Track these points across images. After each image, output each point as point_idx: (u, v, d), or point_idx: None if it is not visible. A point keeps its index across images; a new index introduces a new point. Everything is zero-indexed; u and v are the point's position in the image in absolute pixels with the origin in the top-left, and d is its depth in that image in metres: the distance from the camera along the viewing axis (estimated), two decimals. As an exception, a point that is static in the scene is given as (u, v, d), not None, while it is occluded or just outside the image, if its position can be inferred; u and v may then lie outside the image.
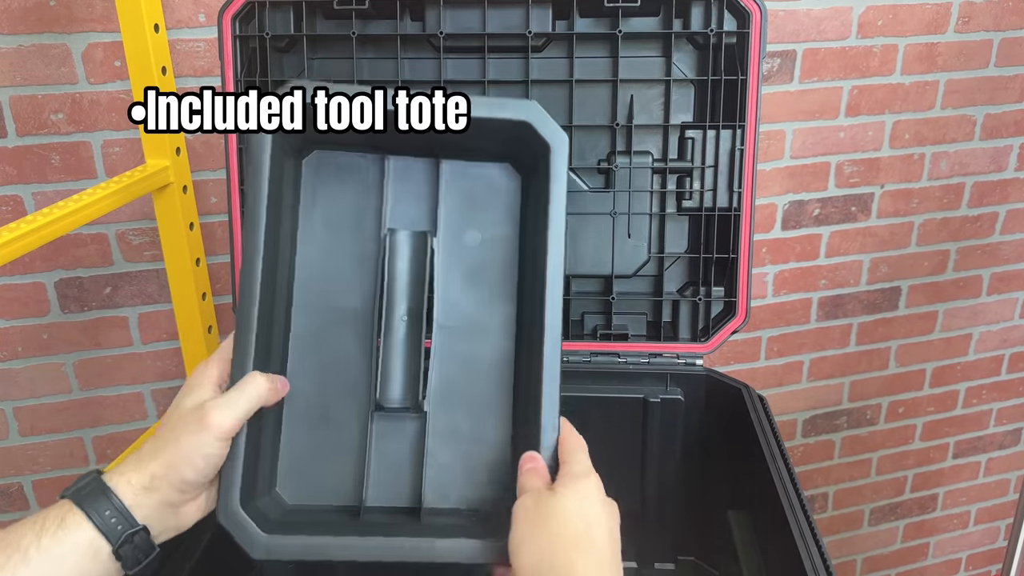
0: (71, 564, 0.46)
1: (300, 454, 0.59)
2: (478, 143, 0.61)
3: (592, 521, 0.49)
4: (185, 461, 0.50)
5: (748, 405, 0.79)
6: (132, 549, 0.48)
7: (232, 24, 0.79)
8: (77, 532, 0.47)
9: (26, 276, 1.10)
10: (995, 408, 1.66)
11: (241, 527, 0.52)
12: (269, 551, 0.51)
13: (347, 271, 0.61)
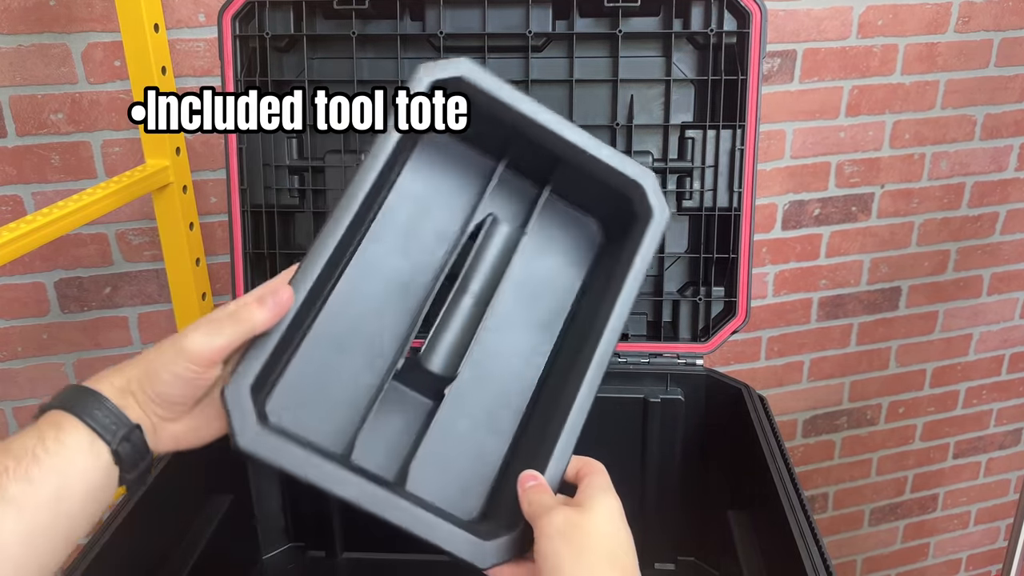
0: (79, 465, 0.45)
1: (303, 380, 0.57)
2: (586, 187, 0.62)
3: (623, 540, 0.49)
4: (154, 374, 0.49)
5: (748, 405, 0.79)
6: (130, 449, 0.47)
7: (232, 24, 0.79)
8: (75, 434, 0.46)
9: (26, 276, 1.10)
10: (995, 408, 1.66)
11: (240, 410, 0.50)
12: (256, 444, 0.49)
13: (427, 239, 0.62)
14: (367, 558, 0.91)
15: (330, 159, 0.82)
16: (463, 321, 0.61)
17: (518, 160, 0.64)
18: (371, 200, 0.58)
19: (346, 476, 0.51)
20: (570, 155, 0.60)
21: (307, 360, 0.58)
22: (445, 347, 0.60)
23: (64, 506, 0.44)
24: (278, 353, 0.53)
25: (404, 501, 0.51)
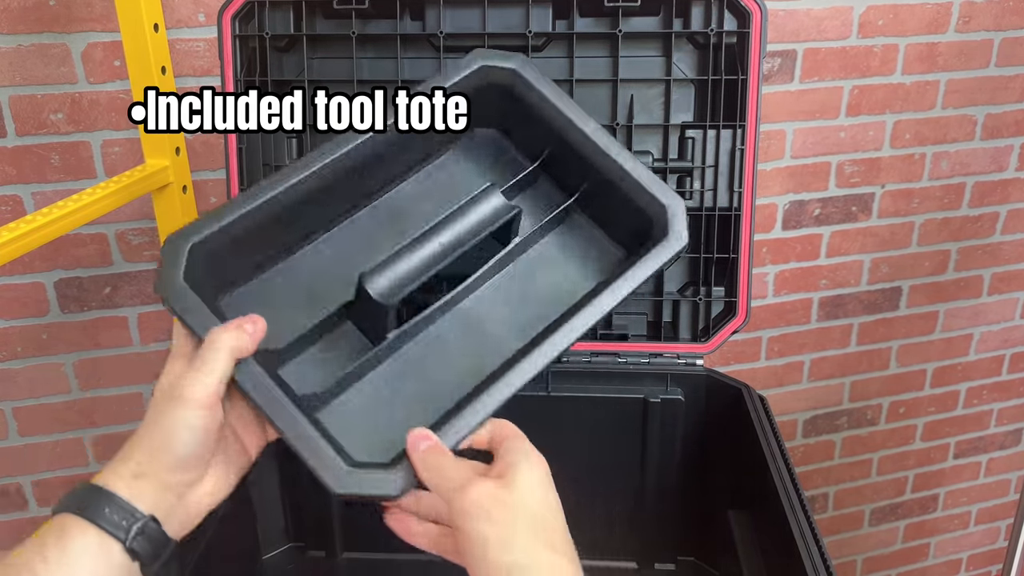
0: (86, 569, 0.43)
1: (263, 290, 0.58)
2: (614, 205, 0.61)
3: (552, 509, 0.46)
4: (170, 437, 0.46)
5: (748, 405, 0.79)
6: (146, 542, 0.45)
7: (232, 24, 0.79)
8: (82, 538, 0.43)
9: (25, 276, 1.10)
10: (996, 408, 1.66)
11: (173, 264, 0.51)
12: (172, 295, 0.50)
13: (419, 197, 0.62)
14: (367, 558, 0.91)
15: (330, 159, 0.82)
16: (422, 259, 0.58)
17: (553, 165, 0.63)
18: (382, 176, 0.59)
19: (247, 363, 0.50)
20: (606, 169, 0.59)
21: (275, 277, 0.59)
22: (391, 275, 0.57)
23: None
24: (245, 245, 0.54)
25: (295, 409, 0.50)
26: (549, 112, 0.60)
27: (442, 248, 0.58)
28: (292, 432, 0.49)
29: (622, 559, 0.88)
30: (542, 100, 0.60)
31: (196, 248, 0.53)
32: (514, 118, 0.63)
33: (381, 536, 0.85)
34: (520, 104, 0.61)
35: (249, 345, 0.50)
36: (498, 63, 0.60)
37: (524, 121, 0.62)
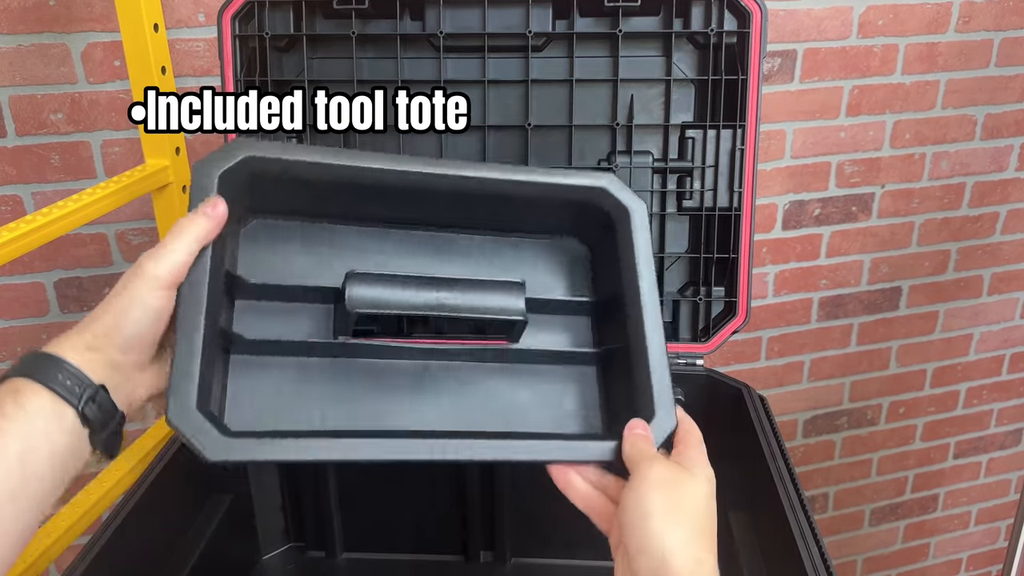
0: (40, 429, 0.44)
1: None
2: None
3: (713, 516, 0.48)
4: (122, 314, 0.48)
5: (748, 405, 0.79)
6: (97, 410, 0.46)
7: (232, 24, 0.79)
8: (36, 399, 0.44)
9: (25, 276, 1.10)
10: (996, 408, 1.66)
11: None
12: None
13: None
14: (367, 558, 0.91)
15: (330, 159, 0.82)
16: (410, 297, 0.58)
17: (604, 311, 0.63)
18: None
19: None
20: (637, 358, 0.57)
21: (304, 230, 0.58)
22: (374, 291, 0.57)
23: (30, 469, 0.43)
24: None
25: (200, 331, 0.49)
26: (628, 267, 0.59)
27: (436, 302, 0.58)
28: (181, 351, 0.49)
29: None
30: (629, 253, 0.59)
31: (248, 161, 0.53)
32: (605, 250, 0.63)
33: (381, 536, 0.85)
34: (614, 242, 0.61)
35: (211, 227, 0.51)
36: (618, 195, 0.60)
37: (609, 258, 0.61)
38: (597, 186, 0.60)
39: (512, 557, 0.91)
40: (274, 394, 0.56)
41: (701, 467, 0.50)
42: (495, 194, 0.59)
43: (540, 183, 0.59)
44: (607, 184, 0.60)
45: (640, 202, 0.60)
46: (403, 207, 0.60)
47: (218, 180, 0.52)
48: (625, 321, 0.58)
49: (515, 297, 0.59)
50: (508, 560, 0.91)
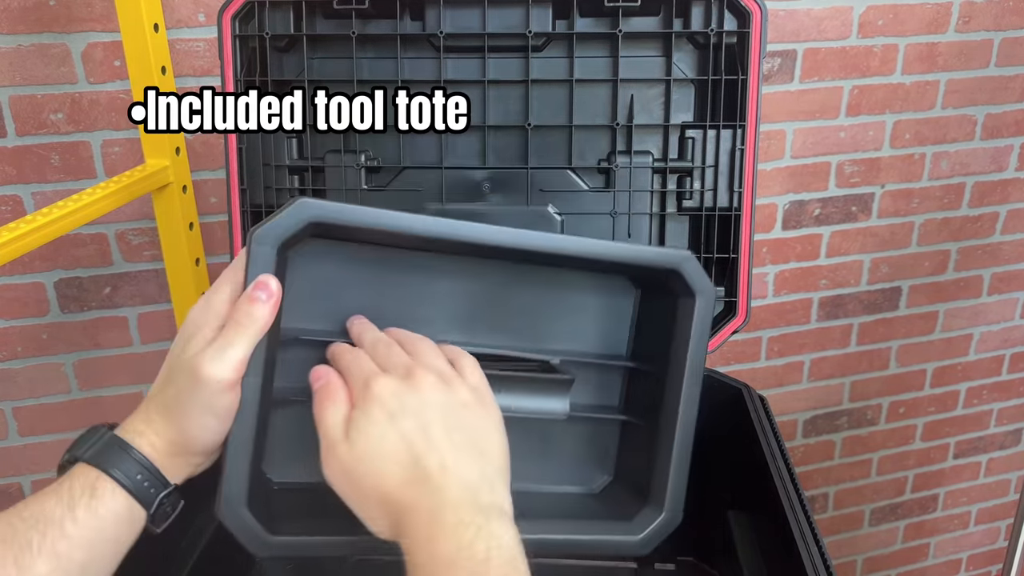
0: (111, 533, 0.43)
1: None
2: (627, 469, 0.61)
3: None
4: (199, 426, 0.45)
5: (748, 405, 0.79)
6: (168, 509, 0.46)
7: (232, 24, 0.79)
8: (111, 501, 0.43)
9: (26, 276, 1.10)
10: (996, 408, 1.66)
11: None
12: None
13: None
14: (367, 558, 0.91)
15: (330, 159, 0.82)
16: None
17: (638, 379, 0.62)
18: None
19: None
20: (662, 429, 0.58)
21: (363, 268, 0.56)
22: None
23: (90, 571, 0.43)
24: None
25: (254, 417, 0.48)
26: (679, 349, 0.58)
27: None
28: (235, 445, 0.48)
29: (622, 559, 0.88)
30: (685, 334, 0.59)
31: (312, 225, 0.51)
32: (654, 312, 0.62)
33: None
34: (669, 313, 0.60)
35: (268, 315, 0.47)
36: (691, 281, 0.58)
37: (658, 325, 0.60)
38: (670, 268, 0.58)
39: (512, 557, 0.91)
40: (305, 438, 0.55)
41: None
42: (557, 262, 0.58)
43: (607, 259, 0.58)
44: (681, 265, 0.58)
45: (711, 288, 0.59)
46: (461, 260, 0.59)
47: (277, 252, 0.49)
48: (659, 403, 0.58)
49: (559, 398, 0.57)
50: (508, 560, 0.91)
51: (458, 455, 0.44)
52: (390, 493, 0.43)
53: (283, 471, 0.56)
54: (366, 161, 0.82)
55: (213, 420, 0.46)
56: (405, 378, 0.46)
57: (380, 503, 0.44)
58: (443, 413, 0.45)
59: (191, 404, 0.45)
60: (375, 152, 0.83)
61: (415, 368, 0.47)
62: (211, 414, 0.46)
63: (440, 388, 0.46)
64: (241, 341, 0.46)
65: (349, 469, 0.44)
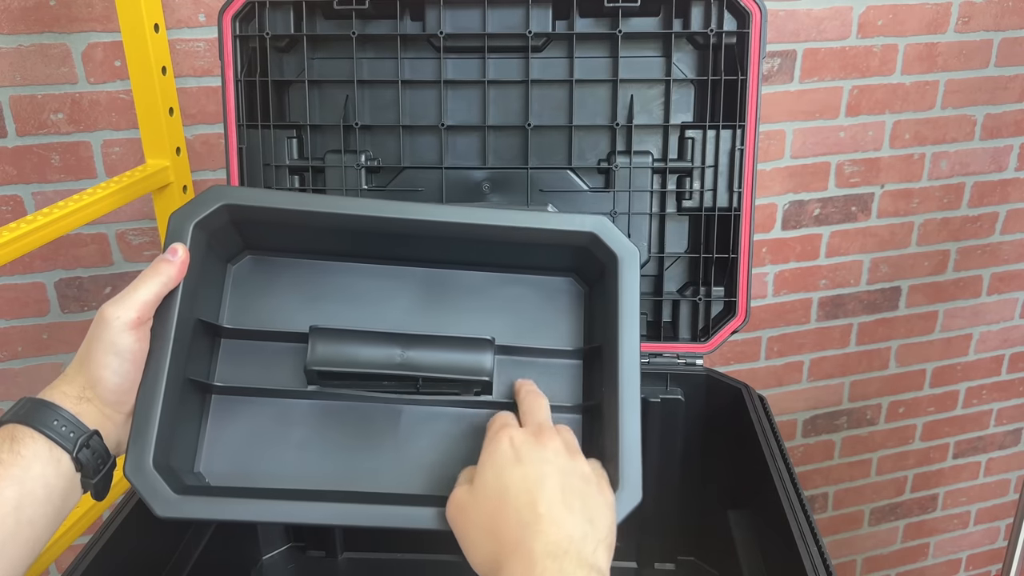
0: (37, 473, 0.45)
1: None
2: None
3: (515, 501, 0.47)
4: (101, 366, 0.49)
5: (748, 405, 0.79)
6: (90, 454, 0.48)
7: (232, 24, 0.79)
8: (32, 444, 0.46)
9: (26, 276, 1.10)
10: (995, 408, 1.66)
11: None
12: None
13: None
14: (367, 558, 0.91)
15: (330, 159, 0.82)
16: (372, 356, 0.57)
17: (592, 360, 0.61)
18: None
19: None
20: (607, 403, 0.56)
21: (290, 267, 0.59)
22: (335, 349, 0.57)
23: (26, 513, 0.45)
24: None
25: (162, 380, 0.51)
26: (612, 317, 0.57)
27: (400, 360, 0.58)
28: (141, 404, 0.50)
29: (622, 559, 0.88)
30: (614, 302, 0.57)
31: (226, 208, 0.54)
32: (598, 295, 0.61)
33: (381, 536, 0.85)
34: (604, 289, 0.59)
35: (172, 272, 0.52)
36: (608, 242, 0.58)
37: (601, 304, 0.60)
38: (584, 231, 0.58)
39: (512, 557, 0.91)
40: (251, 436, 0.57)
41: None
42: (484, 239, 0.59)
43: (527, 228, 0.58)
44: (595, 228, 0.58)
45: (631, 248, 0.58)
46: (393, 248, 0.60)
47: (192, 229, 0.54)
48: (603, 377, 0.57)
49: (483, 355, 0.57)
50: (508, 560, 0.91)
51: (569, 512, 0.45)
52: (496, 528, 0.45)
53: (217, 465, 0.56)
54: (366, 161, 0.82)
55: (115, 359, 0.49)
56: (535, 434, 0.49)
57: (488, 535, 0.46)
58: (562, 474, 0.47)
59: (95, 345, 0.49)
60: (375, 152, 0.83)
61: (546, 428, 0.50)
62: (113, 353, 0.49)
63: (564, 454, 0.49)
64: (144, 286, 0.50)
65: (470, 500, 0.48)
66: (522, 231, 0.58)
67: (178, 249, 0.53)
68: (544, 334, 0.62)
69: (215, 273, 0.58)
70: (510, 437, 0.49)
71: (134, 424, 0.50)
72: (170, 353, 0.51)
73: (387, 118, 0.82)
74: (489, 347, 0.58)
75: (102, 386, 0.49)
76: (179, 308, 0.52)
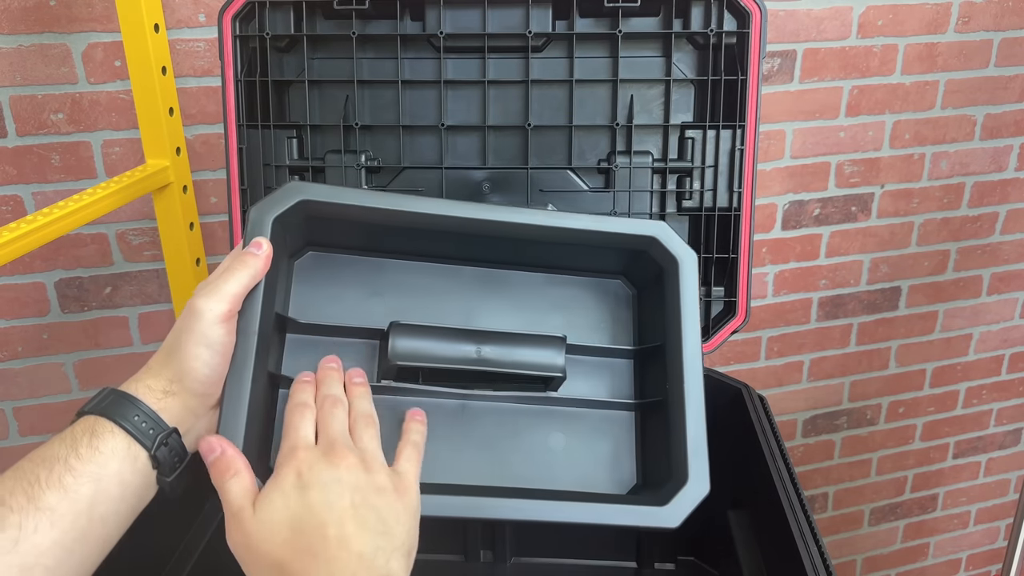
0: (113, 470, 0.45)
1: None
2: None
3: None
4: (193, 357, 0.48)
5: (748, 405, 0.79)
6: (168, 452, 0.47)
7: (232, 24, 0.79)
8: (111, 440, 0.45)
9: (26, 276, 1.10)
10: (995, 408, 1.66)
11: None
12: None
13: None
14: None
15: (330, 159, 0.82)
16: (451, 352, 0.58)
17: (648, 360, 0.63)
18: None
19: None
20: (672, 400, 0.58)
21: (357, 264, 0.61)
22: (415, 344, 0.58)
23: (99, 510, 0.44)
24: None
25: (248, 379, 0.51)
26: (673, 319, 0.59)
27: (476, 356, 0.59)
28: (230, 396, 0.50)
29: (622, 559, 0.88)
30: (675, 304, 0.60)
31: (303, 204, 0.55)
32: (652, 296, 0.63)
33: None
34: (662, 291, 0.61)
35: (259, 265, 0.52)
36: (669, 246, 0.60)
37: (655, 306, 0.62)
38: (646, 235, 0.61)
39: (512, 557, 0.91)
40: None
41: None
42: (544, 240, 0.60)
43: (589, 231, 0.60)
44: (657, 233, 0.61)
45: (691, 253, 0.60)
46: (454, 247, 0.61)
47: (272, 223, 0.54)
48: (665, 375, 0.59)
49: (555, 353, 0.59)
50: (508, 560, 0.91)
51: (358, 528, 0.45)
52: (283, 560, 0.44)
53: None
54: (366, 161, 0.82)
55: (206, 351, 0.49)
56: (326, 453, 0.48)
57: (272, 569, 0.44)
58: (353, 491, 0.46)
59: (186, 337, 0.49)
60: (375, 152, 0.83)
61: (338, 445, 0.48)
62: (204, 344, 0.48)
63: (358, 468, 0.47)
64: (234, 279, 0.51)
65: (249, 533, 0.46)
66: (585, 234, 0.60)
67: (262, 243, 0.53)
68: (595, 334, 0.64)
69: (283, 268, 0.59)
70: (296, 463, 0.47)
71: (222, 420, 0.50)
72: (255, 348, 0.51)
73: (387, 118, 0.82)
74: (561, 344, 0.59)
75: (192, 377, 0.49)
76: (262, 304, 0.53)
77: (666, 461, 0.57)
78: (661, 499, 0.56)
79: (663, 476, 0.58)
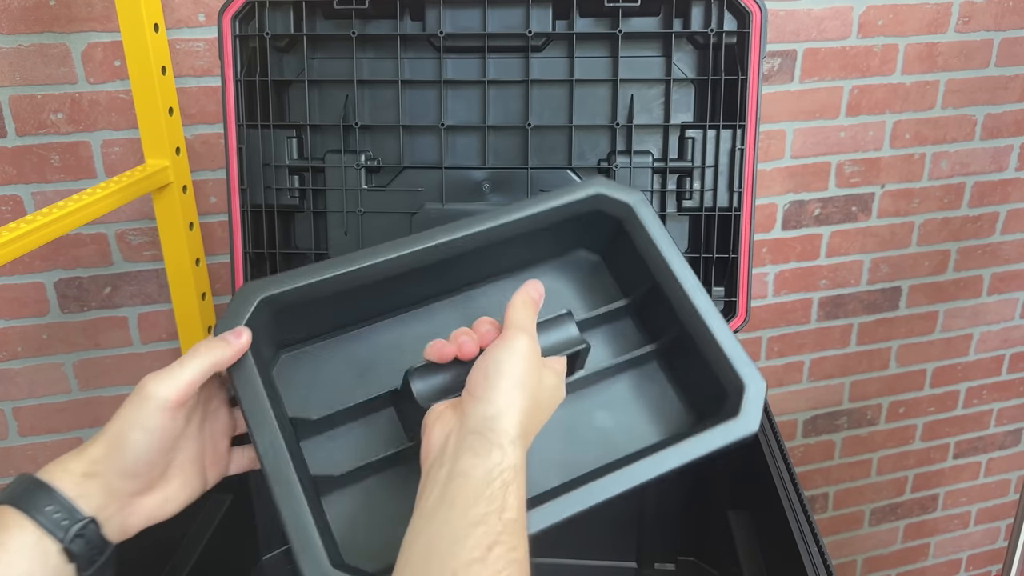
0: (22, 568, 0.41)
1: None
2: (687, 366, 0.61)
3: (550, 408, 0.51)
4: (122, 438, 0.45)
5: (748, 405, 0.79)
6: (84, 545, 0.44)
7: (232, 24, 0.79)
8: (20, 535, 0.42)
9: (26, 276, 1.10)
10: (995, 408, 1.66)
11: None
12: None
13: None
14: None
15: (330, 159, 0.82)
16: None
17: (644, 307, 0.63)
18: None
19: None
20: (694, 328, 0.57)
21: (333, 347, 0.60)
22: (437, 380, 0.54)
23: None
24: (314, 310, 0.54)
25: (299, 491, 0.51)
26: (653, 256, 0.59)
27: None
28: (290, 514, 0.49)
29: (622, 559, 0.88)
30: (648, 242, 0.59)
31: (266, 302, 0.54)
32: (618, 251, 0.63)
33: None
34: (627, 240, 0.61)
35: (228, 354, 0.50)
36: (615, 195, 0.60)
37: (627, 257, 0.61)
38: (592, 194, 0.60)
39: (512, 557, 0.91)
40: (373, 513, 0.56)
41: (553, 362, 0.52)
42: (496, 242, 0.59)
43: (539, 213, 0.59)
44: (600, 187, 0.60)
45: (637, 193, 0.61)
46: (415, 287, 0.60)
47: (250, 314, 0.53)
48: (671, 307, 0.58)
49: (569, 327, 0.57)
50: (508, 560, 0.91)
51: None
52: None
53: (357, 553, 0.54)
54: (366, 161, 0.82)
55: (140, 434, 0.46)
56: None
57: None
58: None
59: (124, 416, 0.46)
60: (375, 152, 0.83)
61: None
62: (140, 428, 0.46)
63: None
64: (192, 365, 0.48)
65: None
66: (535, 217, 0.59)
67: (243, 333, 0.51)
68: (582, 307, 0.64)
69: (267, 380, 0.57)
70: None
71: (292, 539, 0.49)
72: (291, 458, 0.50)
73: (387, 118, 0.82)
74: (570, 319, 0.58)
75: (118, 458, 0.46)
76: (274, 411, 0.51)
77: (714, 380, 0.56)
78: (729, 413, 0.55)
79: (716, 397, 0.57)
